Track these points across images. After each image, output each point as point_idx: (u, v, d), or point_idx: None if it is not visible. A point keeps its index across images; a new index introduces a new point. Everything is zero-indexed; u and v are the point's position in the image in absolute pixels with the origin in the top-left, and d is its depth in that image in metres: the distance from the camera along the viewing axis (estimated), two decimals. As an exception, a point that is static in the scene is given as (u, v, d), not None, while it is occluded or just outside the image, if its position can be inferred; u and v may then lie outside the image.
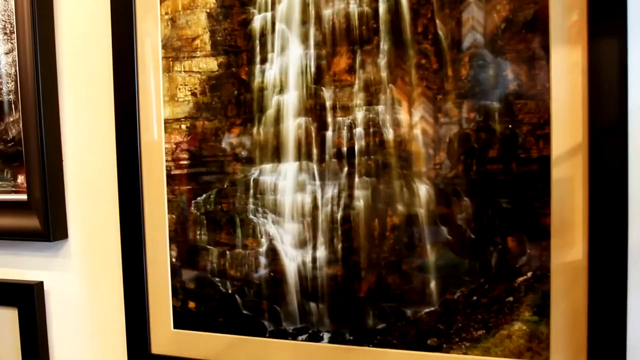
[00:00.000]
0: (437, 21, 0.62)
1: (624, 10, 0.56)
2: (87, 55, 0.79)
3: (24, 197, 0.81)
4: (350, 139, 0.66)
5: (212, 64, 0.70)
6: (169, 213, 0.73)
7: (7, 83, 0.83)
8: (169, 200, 0.73)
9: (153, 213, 0.74)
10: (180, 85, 0.72)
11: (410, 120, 0.63)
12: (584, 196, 0.58)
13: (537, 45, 0.59)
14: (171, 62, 0.72)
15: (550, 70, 0.59)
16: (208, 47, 0.70)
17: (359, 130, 0.65)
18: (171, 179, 0.73)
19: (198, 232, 0.72)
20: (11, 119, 0.83)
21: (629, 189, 0.57)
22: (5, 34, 0.82)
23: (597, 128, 0.57)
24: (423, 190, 0.63)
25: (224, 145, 0.70)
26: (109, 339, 0.80)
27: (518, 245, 0.61)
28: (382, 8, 0.64)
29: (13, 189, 0.83)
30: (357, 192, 0.66)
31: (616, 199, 0.57)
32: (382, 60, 0.64)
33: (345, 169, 0.66)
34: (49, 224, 0.79)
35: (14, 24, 0.80)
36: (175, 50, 0.72)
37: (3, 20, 0.82)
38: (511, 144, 0.60)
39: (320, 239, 0.67)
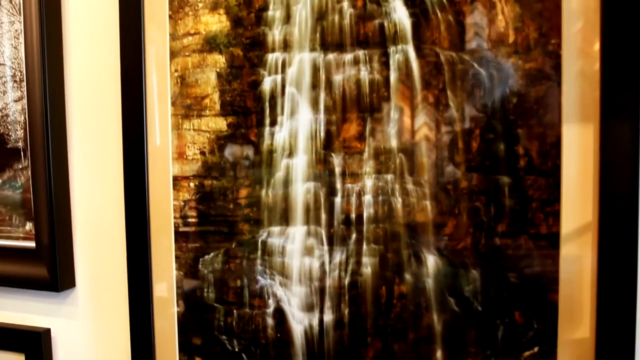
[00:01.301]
0: (449, 92, 0.62)
1: (637, 91, 0.56)
2: (97, 106, 0.79)
3: (32, 244, 0.82)
4: (359, 206, 0.66)
5: (221, 124, 0.70)
6: (176, 269, 0.74)
7: (17, 130, 0.83)
8: (176, 257, 0.74)
9: (160, 267, 0.74)
10: (190, 143, 0.72)
11: (420, 190, 0.63)
12: (593, 275, 0.58)
13: (549, 122, 0.59)
14: (180, 120, 0.72)
15: (561, 148, 0.59)
16: (217, 107, 0.70)
17: (367, 198, 0.65)
18: (179, 235, 0.73)
19: (205, 290, 0.73)
20: (20, 166, 0.83)
21: (638, 271, 0.57)
22: (15, 81, 0.82)
23: (607, 208, 0.57)
24: (431, 260, 0.64)
25: (232, 205, 0.70)
26: (115, 386, 0.81)
27: (525, 320, 0.61)
28: (393, 76, 0.63)
29: (21, 236, 0.84)
30: (365, 259, 0.66)
31: (625, 281, 0.57)
32: (392, 129, 0.64)
33: (354, 235, 0.66)
34: (57, 273, 0.79)
35: (24, 72, 0.80)
36: (185, 108, 0.72)
37: (13, 68, 0.82)
38: (521, 219, 0.60)
39: (328, 303, 0.67)
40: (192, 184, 0.72)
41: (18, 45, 0.81)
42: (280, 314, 0.69)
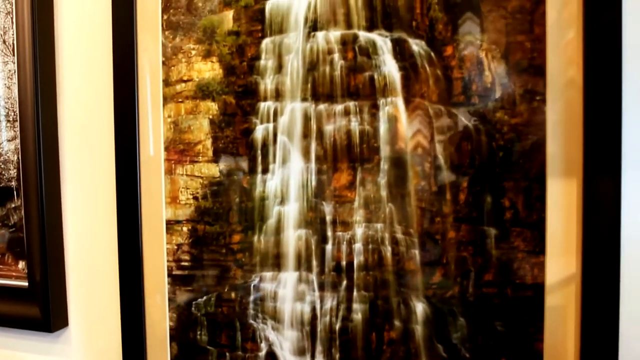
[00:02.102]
0: (437, 145, 0.63)
1: (619, 149, 0.57)
2: (90, 146, 0.79)
3: (24, 283, 0.82)
4: (350, 253, 0.67)
5: (213, 170, 0.71)
6: (169, 311, 0.74)
7: (10, 170, 0.83)
8: (169, 299, 0.74)
9: (153, 309, 0.75)
10: (182, 188, 0.73)
11: (409, 240, 0.65)
12: (577, 325, 0.60)
13: (534, 176, 0.60)
14: (173, 165, 0.73)
15: (546, 201, 0.60)
16: (210, 153, 0.71)
17: (358, 246, 0.66)
18: (172, 278, 0.74)
19: (198, 332, 0.73)
20: (13, 205, 0.83)
21: (620, 324, 0.58)
22: (9, 121, 0.83)
23: (590, 260, 0.59)
24: (420, 308, 0.65)
25: (225, 250, 0.71)
26: None
27: (511, 367, 0.62)
28: (383, 128, 0.65)
29: (14, 274, 0.84)
30: (356, 305, 0.67)
31: (608, 332, 0.58)
32: (382, 180, 0.65)
33: (344, 282, 0.67)
34: (49, 313, 0.80)
35: (17, 112, 0.80)
36: (178, 153, 0.73)
37: (6, 108, 0.83)
38: (507, 270, 0.62)
39: (319, 348, 0.68)
40: (185, 228, 0.73)
41: (11, 86, 0.82)
42: (272, 358, 0.70)
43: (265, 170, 0.69)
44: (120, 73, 0.74)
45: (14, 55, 0.81)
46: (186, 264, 0.73)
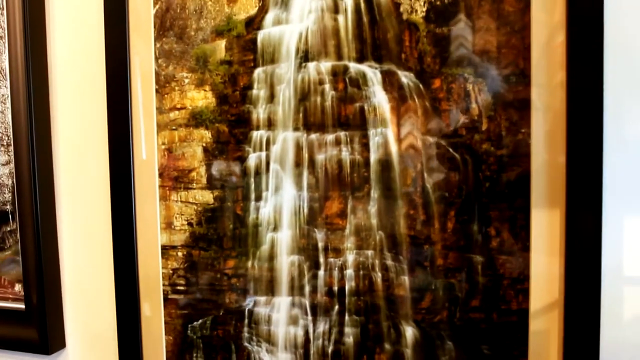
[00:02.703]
0: (425, 175, 0.65)
1: (600, 183, 0.59)
2: (85, 170, 0.80)
3: (21, 305, 0.83)
4: (341, 279, 0.69)
5: (208, 197, 0.73)
6: (166, 334, 0.76)
7: (4, 193, 0.84)
8: (165, 322, 0.76)
9: (150, 332, 0.77)
10: (177, 214, 0.74)
11: (398, 267, 0.67)
12: (559, 349, 0.63)
13: (519, 206, 0.62)
14: (168, 192, 0.74)
15: (530, 230, 0.62)
16: (204, 180, 0.73)
17: (349, 272, 0.68)
18: (168, 302, 0.76)
19: (194, 355, 0.75)
20: (8, 229, 0.84)
21: (600, 349, 0.61)
22: (2, 145, 0.83)
23: (572, 288, 0.61)
24: (409, 331, 0.67)
25: (219, 275, 0.73)
26: None
27: (497, 389, 0.65)
28: (373, 158, 0.66)
29: (10, 297, 0.85)
30: (347, 329, 0.69)
31: (588, 356, 0.61)
32: (373, 208, 0.67)
33: (336, 306, 0.69)
34: (47, 336, 0.81)
35: (11, 136, 0.81)
36: (172, 180, 0.74)
37: (0, 133, 0.83)
38: (493, 296, 0.64)
39: (312, 370, 0.71)
40: (180, 254, 0.75)
41: (5, 110, 0.82)
42: (266, 379, 0.72)
43: (258, 198, 0.71)
44: (113, 98, 0.75)
45: (6, 79, 0.81)
46: (182, 288, 0.75)
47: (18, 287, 0.85)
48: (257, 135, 0.70)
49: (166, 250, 0.75)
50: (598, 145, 0.59)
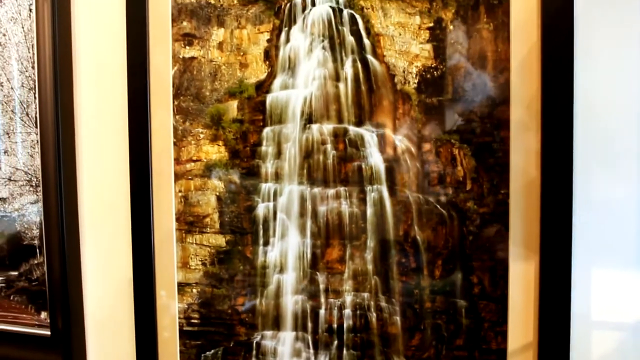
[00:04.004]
0: (416, 227, 0.73)
1: (569, 238, 0.67)
2: (108, 213, 0.88)
3: (46, 332, 0.91)
4: (340, 317, 0.77)
5: (220, 240, 0.80)
6: (180, 362, 0.84)
7: (32, 230, 0.92)
8: (180, 351, 0.84)
9: (166, 359, 0.85)
10: (192, 255, 0.82)
11: (391, 307, 0.75)
12: (533, 385, 0.71)
13: (498, 257, 0.70)
14: (184, 234, 0.82)
15: (508, 279, 0.70)
16: (217, 226, 0.80)
17: (347, 312, 0.76)
18: (183, 333, 0.84)
19: (206, 381, 0.83)
20: (35, 262, 0.92)
21: (568, 385, 0.69)
22: (31, 186, 0.91)
23: (545, 331, 0.69)
24: (401, 366, 0.75)
25: (230, 310, 0.81)
26: None
27: (478, 418, 0.73)
28: (369, 211, 0.74)
29: (36, 323, 0.93)
30: (345, 362, 0.77)
31: (558, 392, 0.69)
32: (369, 255, 0.75)
33: (335, 342, 0.77)
34: (72, 360, 0.89)
35: (40, 178, 0.89)
36: (188, 224, 0.82)
37: (29, 174, 0.91)
38: (475, 336, 0.72)
39: (313, 398, 0.79)
40: (194, 290, 0.82)
41: (34, 154, 0.90)
42: (272, 405, 0.80)
43: (266, 243, 0.78)
44: (135, 150, 0.82)
45: (36, 127, 0.89)
46: (196, 321, 0.83)
47: (44, 315, 0.93)
48: (265, 187, 0.78)
49: (182, 287, 0.83)
50: (568, 206, 0.67)
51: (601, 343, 0.70)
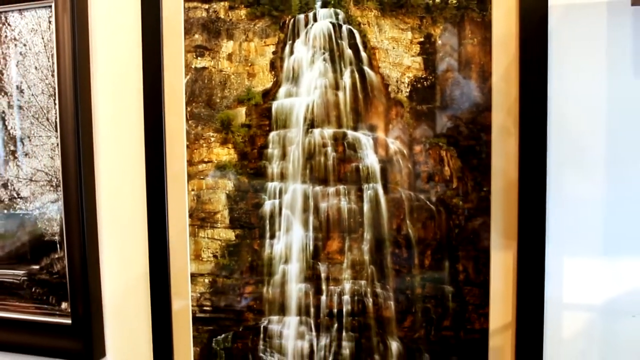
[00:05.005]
0: (408, 222, 0.81)
1: (543, 230, 0.76)
2: (125, 210, 0.95)
3: (67, 321, 0.98)
4: (340, 303, 0.85)
5: (230, 235, 0.88)
6: (193, 346, 0.92)
7: (53, 226, 0.99)
8: (194, 336, 0.92)
9: (180, 343, 0.92)
10: (204, 248, 0.90)
11: (386, 293, 0.83)
12: (512, 360, 0.79)
13: (481, 247, 0.79)
14: (196, 229, 0.90)
15: (490, 267, 0.79)
16: (227, 221, 0.88)
17: (346, 298, 0.84)
18: (196, 320, 0.91)
19: (218, 363, 0.91)
20: (56, 256, 0.99)
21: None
22: (52, 186, 0.98)
23: (522, 312, 0.78)
24: (394, 346, 0.83)
25: (239, 298, 0.89)
26: None
27: (463, 391, 0.82)
28: (366, 207, 0.82)
29: (57, 313, 1.00)
30: (344, 343, 0.85)
31: (533, 367, 0.78)
32: (365, 247, 0.83)
33: (336, 325, 0.85)
34: (91, 346, 0.96)
35: (60, 179, 0.96)
36: (200, 220, 0.89)
37: (49, 175, 0.98)
38: (461, 318, 0.81)
39: (315, 376, 0.87)
40: (206, 280, 0.90)
41: (54, 156, 0.97)
42: (278, 383, 0.89)
43: (272, 236, 0.86)
44: (150, 153, 0.90)
45: (56, 131, 0.96)
46: (207, 308, 0.91)
47: (64, 305, 1.00)
48: (271, 186, 0.85)
49: (195, 277, 0.91)
50: (542, 202, 0.75)
51: (571, 323, 0.79)
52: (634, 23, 0.73)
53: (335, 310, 0.85)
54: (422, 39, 0.79)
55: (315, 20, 0.82)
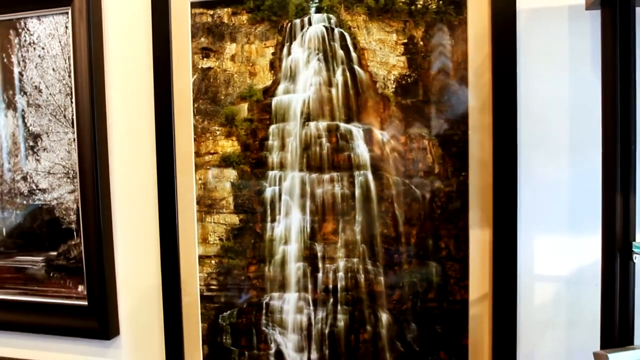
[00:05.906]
0: (395, 204, 0.90)
1: (515, 211, 0.85)
2: (137, 199, 1.04)
3: (84, 302, 1.07)
4: (335, 279, 0.94)
5: (234, 219, 0.97)
6: (202, 322, 1.00)
7: (70, 215, 1.07)
8: (202, 313, 1.00)
9: (189, 321, 1.01)
10: (211, 232, 0.98)
11: (376, 270, 0.92)
12: (489, 328, 0.88)
13: (461, 226, 0.88)
14: (204, 215, 0.98)
15: (469, 244, 0.88)
16: (232, 207, 0.97)
17: (340, 274, 0.93)
18: (204, 298, 1.00)
19: (224, 337, 0.99)
20: (73, 242, 1.07)
21: (518, 327, 0.87)
22: (69, 178, 1.06)
23: (498, 284, 0.87)
24: (384, 317, 0.92)
25: (243, 277, 0.97)
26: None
27: (447, 357, 0.90)
28: (357, 192, 0.91)
29: (74, 295, 1.08)
30: (339, 316, 0.94)
31: (508, 332, 0.87)
32: (357, 228, 0.92)
33: (331, 299, 0.94)
34: (107, 325, 1.05)
35: (77, 171, 1.04)
36: (207, 206, 0.98)
37: (66, 167, 1.06)
38: (443, 290, 0.90)
39: (314, 346, 0.96)
40: (213, 261, 0.99)
41: (71, 150, 1.05)
42: (279, 355, 0.97)
43: (273, 220, 0.95)
44: (161, 146, 0.98)
45: (73, 127, 1.04)
46: (214, 287, 0.99)
47: (81, 288, 1.08)
48: (272, 174, 0.94)
49: (202, 259, 0.99)
50: (514, 185, 0.85)
51: (542, 292, 0.88)
52: (592, 24, 0.83)
53: (330, 286, 0.94)
54: (405, 40, 0.88)
55: (310, 24, 0.91)
